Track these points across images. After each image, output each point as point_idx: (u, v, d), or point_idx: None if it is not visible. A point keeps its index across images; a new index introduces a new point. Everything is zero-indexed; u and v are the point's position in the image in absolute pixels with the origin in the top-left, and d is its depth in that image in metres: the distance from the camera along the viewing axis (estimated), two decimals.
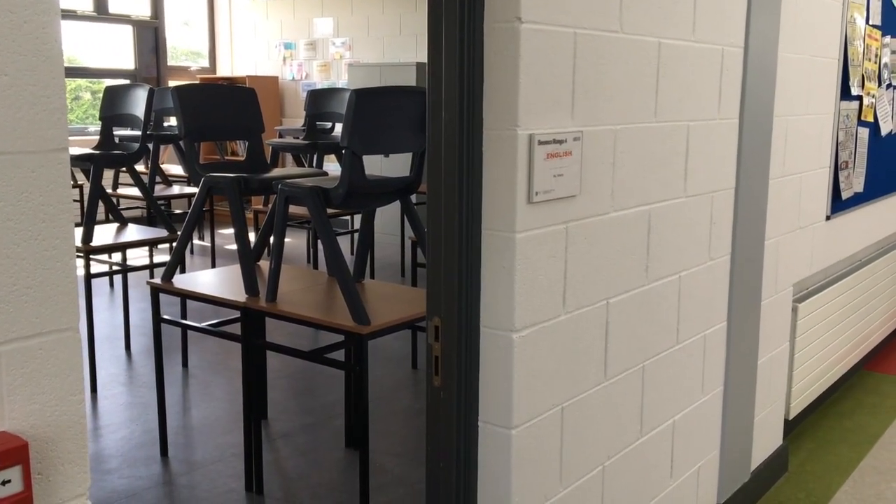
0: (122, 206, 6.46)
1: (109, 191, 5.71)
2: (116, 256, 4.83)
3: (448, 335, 1.77)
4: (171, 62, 9.13)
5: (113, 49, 8.75)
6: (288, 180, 2.80)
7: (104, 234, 4.15)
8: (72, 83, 8.60)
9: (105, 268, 4.67)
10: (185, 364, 4.35)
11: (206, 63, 9.48)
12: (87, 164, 3.90)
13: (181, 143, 3.05)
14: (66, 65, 7.81)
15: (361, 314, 2.60)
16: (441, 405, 1.81)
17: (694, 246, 2.37)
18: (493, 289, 1.74)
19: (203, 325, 3.09)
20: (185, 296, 3.07)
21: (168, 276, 3.14)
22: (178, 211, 6.69)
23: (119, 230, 4.30)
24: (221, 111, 3.17)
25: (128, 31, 8.74)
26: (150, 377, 4.17)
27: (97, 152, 3.93)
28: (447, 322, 1.77)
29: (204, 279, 3.23)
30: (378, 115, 2.64)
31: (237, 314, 2.92)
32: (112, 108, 4.19)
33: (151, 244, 4.02)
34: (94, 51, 8.67)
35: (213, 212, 6.46)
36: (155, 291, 3.15)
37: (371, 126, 2.63)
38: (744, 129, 2.54)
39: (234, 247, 6.13)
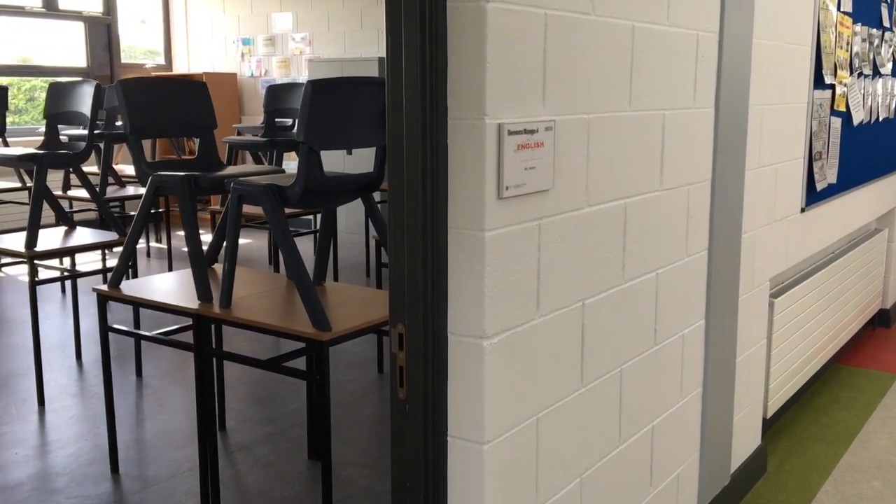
0: (73, 209, 6.22)
1: (59, 193, 5.48)
2: (67, 261, 4.61)
3: (413, 343, 1.63)
4: (128, 61, 8.86)
5: (65, 46, 8.46)
6: (241, 178, 2.63)
7: (50, 238, 3.94)
8: (25, 83, 8.30)
9: (55, 273, 4.45)
10: (139, 373, 4.15)
11: (161, 60, 9.21)
12: (31, 165, 3.68)
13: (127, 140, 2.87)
14: (16, 63, 7.48)
15: (322, 320, 2.44)
16: (406, 419, 1.67)
17: (671, 241, 2.25)
18: (461, 292, 1.60)
19: (153, 333, 2.91)
20: (133, 303, 2.89)
21: (115, 283, 2.95)
22: (133, 213, 6.46)
23: (67, 234, 4.09)
24: (170, 106, 2.99)
25: (79, 27, 8.46)
26: (102, 388, 3.96)
27: (40, 152, 3.72)
28: (412, 329, 1.63)
29: (155, 284, 3.05)
30: (336, 108, 2.48)
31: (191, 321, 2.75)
32: (57, 106, 3.97)
33: (99, 248, 3.81)
34: (46, 49, 8.37)
35: (170, 212, 6.24)
36: (102, 299, 2.97)
37: (329, 120, 2.47)
38: (720, 118, 2.43)
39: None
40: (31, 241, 3.66)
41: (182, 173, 2.75)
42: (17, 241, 3.82)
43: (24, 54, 8.29)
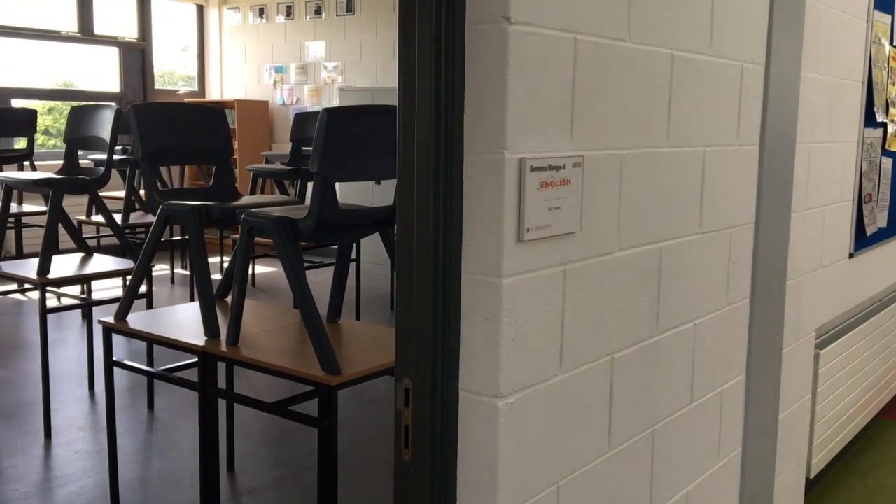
0: (98, 235, 6.16)
1: (83, 217, 5.42)
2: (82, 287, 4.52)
3: (420, 400, 1.46)
4: (162, 86, 8.88)
5: (101, 71, 8.50)
6: (253, 210, 2.50)
7: (65, 264, 3.85)
8: (60, 105, 8.33)
9: (69, 300, 4.36)
10: (150, 406, 4.01)
11: (195, 87, 9.23)
12: (46, 190, 3.60)
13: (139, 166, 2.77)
14: (53, 87, 7.48)
15: (331, 362, 2.29)
16: (411, 484, 1.50)
17: (710, 289, 2.07)
18: (475, 345, 1.43)
19: (159, 370, 2.77)
20: (137, 337, 2.75)
21: (121, 315, 2.82)
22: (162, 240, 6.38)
23: (83, 261, 3.99)
24: (185, 132, 2.88)
25: (114, 53, 8.50)
26: (116, 421, 3.83)
27: (56, 177, 3.63)
28: (419, 385, 1.46)
29: (164, 318, 2.91)
30: (353, 137, 2.35)
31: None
32: (77, 130, 3.90)
33: (113, 276, 3.71)
34: (83, 73, 8.42)
35: (203, 237, 6.14)
36: (107, 331, 2.84)
37: (345, 149, 2.33)
38: (765, 156, 2.24)
39: (217, 276, 5.82)
40: (44, 267, 3.56)
41: (193, 203, 2.62)
42: (64, 265, 3.75)
43: (67, 78, 8.33)
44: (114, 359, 2.85)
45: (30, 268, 3.71)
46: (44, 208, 5.88)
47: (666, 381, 1.91)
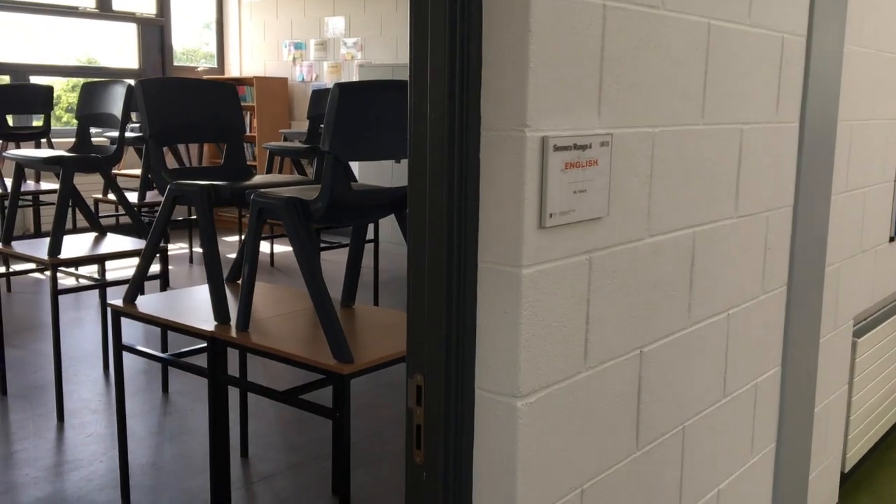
0: (116, 213, 6.10)
1: (99, 196, 5.35)
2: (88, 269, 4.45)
3: (433, 399, 1.35)
4: (181, 63, 8.79)
5: (120, 48, 8.42)
6: (263, 190, 2.39)
7: (77, 244, 3.77)
8: (77, 83, 8.27)
9: (83, 280, 4.29)
10: (165, 390, 3.95)
11: (214, 64, 9.13)
12: (57, 168, 3.51)
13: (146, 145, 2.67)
14: (77, 64, 7.36)
15: (343, 351, 2.18)
16: (424, 488, 1.39)
17: (746, 277, 1.94)
18: (492, 341, 1.32)
19: (167, 355, 2.69)
20: (146, 321, 2.66)
21: (130, 298, 2.74)
22: (178, 218, 6.32)
23: (97, 241, 3.92)
24: (194, 110, 2.77)
25: (132, 29, 8.41)
26: (128, 404, 3.77)
27: (67, 155, 3.55)
28: (432, 382, 1.35)
29: (175, 301, 2.83)
30: (367, 114, 2.23)
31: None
32: (89, 107, 3.81)
33: (124, 256, 3.62)
34: (103, 50, 8.35)
35: (213, 218, 6.06)
36: (116, 315, 2.75)
37: (358, 126, 2.22)
38: (805, 134, 2.10)
39: (233, 256, 5.74)
40: (55, 247, 3.48)
41: (202, 183, 2.52)
42: (76, 245, 3.68)
43: (91, 55, 8.27)
44: (124, 343, 2.77)
45: (44, 247, 3.64)
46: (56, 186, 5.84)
47: (698, 375, 1.79)
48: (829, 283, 2.44)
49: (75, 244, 3.79)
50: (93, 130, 5.11)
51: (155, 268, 3.90)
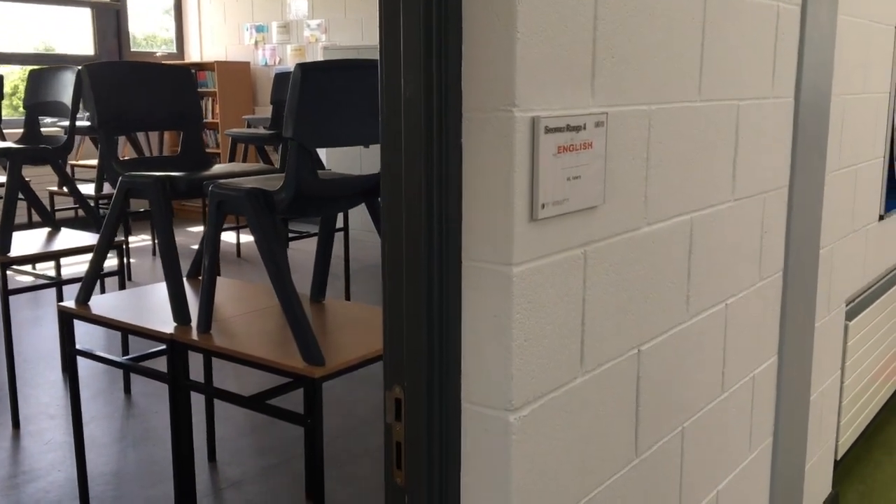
0: (74, 206, 5.86)
1: (55, 188, 5.12)
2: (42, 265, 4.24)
3: (414, 414, 1.21)
4: (145, 49, 8.50)
5: (77, 35, 8.12)
6: (223, 181, 2.22)
7: (29, 241, 3.57)
8: (23, 72, 7.96)
9: (37, 279, 4.08)
10: (127, 390, 3.77)
11: (173, 49, 8.85)
12: (3, 161, 3.30)
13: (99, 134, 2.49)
14: (38, 52, 7.02)
15: (313, 352, 2.03)
16: None
17: (743, 263, 1.81)
18: (480, 348, 1.17)
19: (124, 359, 2.52)
20: (100, 323, 2.49)
21: (83, 298, 2.55)
22: (140, 210, 6.10)
23: (50, 236, 3.71)
24: (146, 96, 2.59)
25: (87, 14, 8.11)
26: (88, 408, 3.59)
27: (13, 146, 3.34)
28: (412, 395, 1.21)
29: (132, 300, 2.65)
30: (332, 96, 2.07)
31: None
32: (37, 96, 3.59)
33: (76, 253, 3.43)
34: (58, 37, 8.04)
35: (169, 212, 5.85)
36: (67, 317, 2.57)
37: (323, 110, 2.06)
38: (800, 110, 1.98)
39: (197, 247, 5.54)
40: (4, 244, 3.28)
41: (156, 174, 2.34)
42: (28, 241, 3.47)
43: (47, 43, 7.95)
44: (79, 346, 2.59)
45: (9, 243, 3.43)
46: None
47: (696, 371, 1.67)
48: (823, 266, 2.33)
49: (27, 240, 3.58)
50: (48, 120, 4.89)
51: (113, 263, 3.71)
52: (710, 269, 1.67)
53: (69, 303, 2.58)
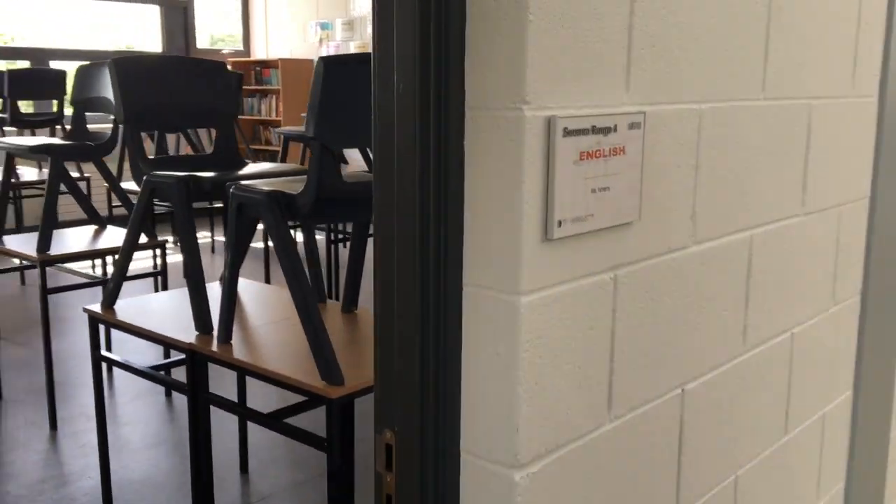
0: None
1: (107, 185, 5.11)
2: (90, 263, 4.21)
3: (407, 463, 1.03)
4: (212, 47, 8.54)
5: (145, 32, 8.20)
6: (245, 183, 2.08)
7: (73, 238, 3.52)
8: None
9: (83, 278, 4.05)
10: (168, 394, 3.69)
11: (240, 46, 8.87)
12: (45, 157, 3.25)
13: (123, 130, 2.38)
14: (80, 48, 7.12)
15: (332, 370, 1.87)
16: None
17: (813, 286, 1.58)
18: (482, 390, 0.99)
19: (143, 367, 2.41)
20: (123, 328, 2.38)
21: (108, 302, 2.46)
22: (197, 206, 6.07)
23: (96, 234, 3.66)
24: (177, 91, 2.47)
25: (155, 11, 8.18)
26: (126, 411, 3.53)
27: (55, 143, 3.29)
28: (404, 441, 1.03)
29: (156, 305, 2.54)
30: (357, 93, 1.90)
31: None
32: (83, 92, 3.53)
33: (110, 253, 3.36)
34: (128, 34, 8.14)
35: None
36: (93, 321, 2.48)
37: (348, 108, 1.89)
38: (885, 111, 1.73)
39: (259, 244, 5.48)
40: (44, 243, 3.23)
41: (179, 173, 2.22)
42: (72, 238, 3.44)
43: (116, 40, 8.06)
44: (108, 350, 2.50)
45: (56, 240, 3.39)
46: (75, 175, 5.62)
47: (754, 411, 1.45)
48: None
49: (71, 238, 3.53)
50: (101, 116, 4.86)
51: (176, 258, 3.64)
52: (774, 294, 1.44)
53: (95, 306, 2.49)
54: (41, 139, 3.50)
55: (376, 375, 1.05)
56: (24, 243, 3.42)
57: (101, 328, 2.62)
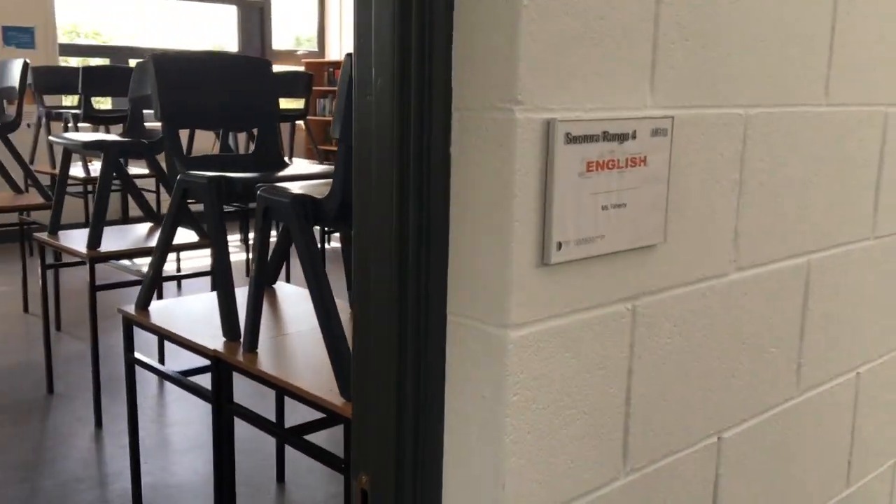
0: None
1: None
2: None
3: None
4: (287, 48, 8.60)
5: (219, 31, 8.31)
6: (274, 185, 1.99)
7: (125, 236, 3.51)
8: None
9: (130, 275, 4.05)
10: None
11: (315, 47, 8.90)
12: (98, 153, 3.25)
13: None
14: (163, 46, 7.20)
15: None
16: None
17: (884, 318, 1.38)
18: (464, 437, 0.85)
19: (171, 371, 2.34)
20: (151, 331, 2.32)
21: (142, 304, 2.40)
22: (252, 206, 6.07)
23: (150, 232, 3.65)
24: (217, 90, 2.40)
25: (232, 11, 8.26)
26: (171, 411, 3.50)
27: (108, 139, 3.28)
28: (380, 488, 0.90)
29: (189, 308, 2.48)
30: None
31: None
32: (140, 89, 3.53)
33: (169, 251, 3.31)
34: (205, 33, 8.26)
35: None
36: (127, 323, 2.43)
37: None
38: None
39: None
40: (94, 239, 3.22)
41: (209, 174, 2.14)
42: (127, 235, 3.46)
43: (196, 39, 8.19)
44: (137, 354, 2.45)
45: (113, 236, 3.39)
46: (142, 171, 5.68)
47: (809, 461, 1.26)
48: None
49: (123, 235, 3.52)
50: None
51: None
52: (836, 328, 1.26)
53: (129, 307, 2.44)
54: (94, 136, 3.50)
55: (354, 411, 0.93)
56: (78, 239, 3.43)
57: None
